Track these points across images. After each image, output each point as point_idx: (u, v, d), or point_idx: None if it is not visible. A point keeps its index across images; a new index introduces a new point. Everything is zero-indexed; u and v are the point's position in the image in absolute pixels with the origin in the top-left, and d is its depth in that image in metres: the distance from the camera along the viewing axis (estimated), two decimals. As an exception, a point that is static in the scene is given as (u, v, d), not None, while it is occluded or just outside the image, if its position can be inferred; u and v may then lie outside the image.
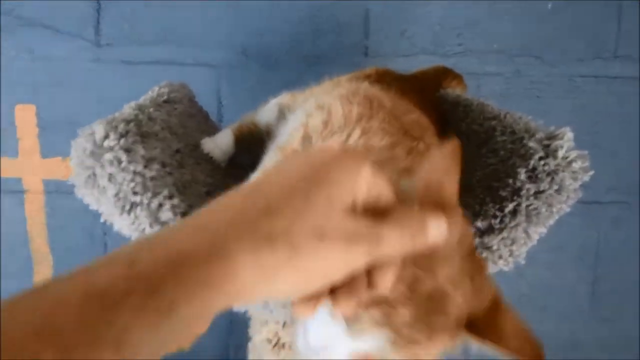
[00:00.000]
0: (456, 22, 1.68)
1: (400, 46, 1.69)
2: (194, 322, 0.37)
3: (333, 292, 0.45)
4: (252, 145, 1.05)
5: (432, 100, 1.18)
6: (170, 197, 0.73)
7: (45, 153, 1.65)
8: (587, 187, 1.70)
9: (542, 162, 0.78)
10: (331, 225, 0.41)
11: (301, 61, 1.67)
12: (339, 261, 0.42)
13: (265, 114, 1.16)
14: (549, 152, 0.79)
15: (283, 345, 0.86)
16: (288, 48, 1.66)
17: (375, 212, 0.44)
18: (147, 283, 0.35)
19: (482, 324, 0.52)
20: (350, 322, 0.51)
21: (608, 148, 1.75)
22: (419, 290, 0.49)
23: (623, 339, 1.89)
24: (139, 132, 0.78)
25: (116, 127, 0.74)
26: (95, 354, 0.32)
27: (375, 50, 1.68)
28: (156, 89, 1.10)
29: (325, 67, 1.66)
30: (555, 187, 0.77)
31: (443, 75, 1.34)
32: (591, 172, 0.79)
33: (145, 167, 0.73)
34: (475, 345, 0.52)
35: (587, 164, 0.79)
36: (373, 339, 0.50)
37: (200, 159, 0.99)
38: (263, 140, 1.01)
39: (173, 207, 0.72)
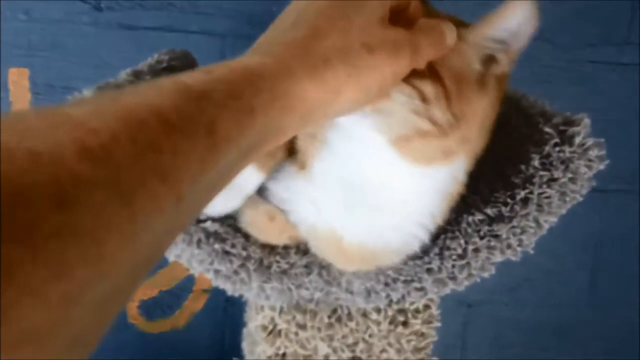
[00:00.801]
0: (469, 4, 1.64)
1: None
2: (270, 136, 0.40)
3: None
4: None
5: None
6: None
7: (40, 119, 1.61)
8: (596, 176, 1.70)
9: (557, 149, 0.75)
10: (375, 38, 0.45)
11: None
12: (389, 71, 0.46)
13: None
14: (565, 138, 0.75)
15: (279, 333, 0.83)
16: (295, 19, 1.61)
17: (404, 21, 0.49)
18: (227, 86, 0.37)
19: None
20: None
21: (616, 136, 1.70)
22: None
23: (621, 327, 1.89)
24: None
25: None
26: (190, 141, 0.33)
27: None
28: (156, 55, 1.06)
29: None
30: (570, 175, 0.74)
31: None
32: (607, 162, 0.75)
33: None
34: None
35: (603, 152, 0.76)
36: None
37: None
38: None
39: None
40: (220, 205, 0.71)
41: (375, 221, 0.69)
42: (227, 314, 1.73)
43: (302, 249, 0.76)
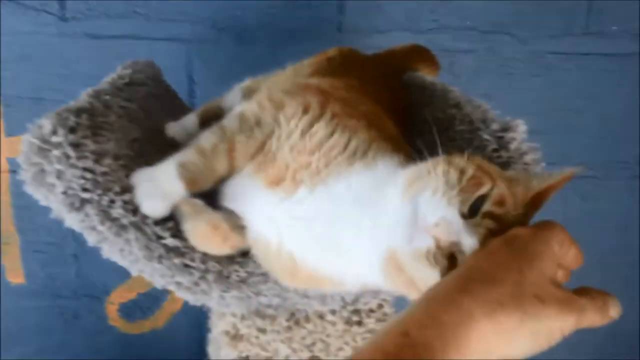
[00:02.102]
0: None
1: (375, 22, 1.67)
2: None
3: None
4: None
5: (398, 83, 1.17)
6: (122, 192, 0.73)
7: (10, 131, 1.63)
8: (557, 163, 1.74)
9: (495, 154, 0.79)
10: (546, 292, 0.50)
11: (275, 36, 1.65)
12: (557, 326, 0.50)
13: (230, 98, 1.16)
14: (502, 144, 0.79)
15: (241, 337, 0.87)
16: (261, 22, 1.64)
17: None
18: (419, 347, 0.46)
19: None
20: None
21: (578, 124, 1.77)
22: None
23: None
24: (91, 124, 0.77)
25: (66, 120, 0.73)
26: None
27: (350, 25, 1.67)
28: (119, 69, 1.08)
29: (299, 43, 1.64)
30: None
31: (414, 55, 1.33)
32: (542, 164, 0.79)
33: (96, 162, 0.72)
34: None
35: (538, 156, 0.79)
36: None
37: (164, 145, 0.98)
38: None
39: (125, 203, 0.72)
40: (148, 208, 0.75)
41: (337, 259, 0.74)
42: (206, 313, 1.77)
43: (260, 258, 0.80)
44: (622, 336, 1.97)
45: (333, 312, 0.86)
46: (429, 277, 0.61)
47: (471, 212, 0.62)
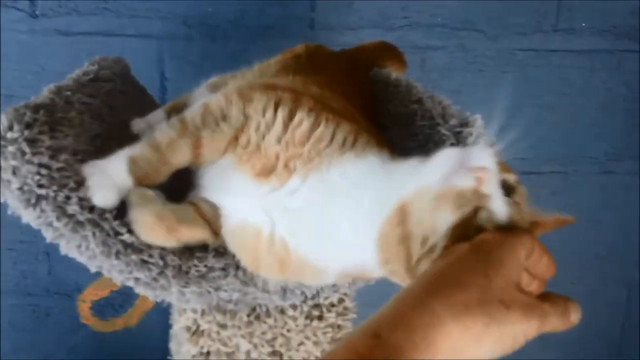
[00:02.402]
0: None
1: (347, 19, 1.67)
2: None
3: None
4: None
5: (365, 79, 1.18)
6: (79, 188, 0.73)
7: (-21, 128, 1.61)
8: (527, 159, 1.76)
9: (452, 149, 0.79)
10: (511, 298, 0.52)
11: (246, 33, 1.65)
12: (520, 330, 0.52)
13: (197, 95, 1.16)
14: (460, 139, 0.80)
15: (202, 333, 0.88)
16: (232, 19, 1.63)
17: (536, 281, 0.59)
18: (389, 348, 0.48)
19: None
20: None
21: (548, 120, 1.78)
22: None
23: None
24: (49, 120, 0.77)
25: (23, 116, 0.73)
26: None
27: (322, 22, 1.67)
28: (86, 65, 1.08)
29: (270, 40, 1.64)
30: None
31: (381, 52, 1.34)
32: (503, 160, 0.80)
33: (52, 158, 0.72)
34: None
35: (498, 147, 0.80)
36: None
37: (129, 142, 0.97)
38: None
39: (81, 199, 0.72)
40: (99, 199, 0.75)
41: (328, 246, 0.75)
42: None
43: (220, 252, 0.80)
44: (599, 332, 2.00)
45: (294, 306, 0.87)
46: (442, 223, 0.63)
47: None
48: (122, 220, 0.76)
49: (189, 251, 0.79)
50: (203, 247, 0.80)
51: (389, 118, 0.99)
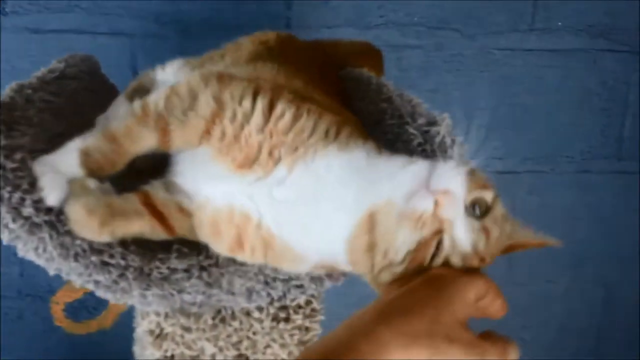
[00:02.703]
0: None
1: (323, 17, 1.66)
2: None
3: None
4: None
5: (335, 75, 1.16)
6: (34, 189, 0.70)
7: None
8: (504, 158, 1.76)
9: (419, 149, 0.79)
10: (456, 334, 0.55)
11: (221, 31, 1.63)
12: None
13: (158, 76, 1.14)
14: (427, 138, 0.79)
15: (166, 336, 0.86)
16: (206, 17, 1.62)
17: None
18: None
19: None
20: None
21: (523, 119, 1.79)
22: None
23: (537, 302, 1.97)
24: (7, 118, 0.75)
25: (-23, 114, 0.71)
26: None
27: (298, 21, 1.66)
28: (53, 63, 1.06)
29: (245, 38, 1.62)
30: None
31: (363, 54, 1.32)
32: (472, 163, 0.79)
33: (7, 157, 0.70)
34: None
35: (464, 150, 0.79)
36: None
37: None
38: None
39: (36, 201, 0.70)
40: (51, 200, 0.72)
41: (309, 235, 0.73)
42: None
43: (183, 252, 0.78)
44: (576, 331, 2.01)
45: (260, 308, 0.85)
46: (402, 242, 0.63)
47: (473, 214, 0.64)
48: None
49: (150, 252, 0.77)
50: (165, 248, 0.78)
51: (359, 116, 0.97)
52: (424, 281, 0.60)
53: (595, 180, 1.85)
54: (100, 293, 0.76)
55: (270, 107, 0.74)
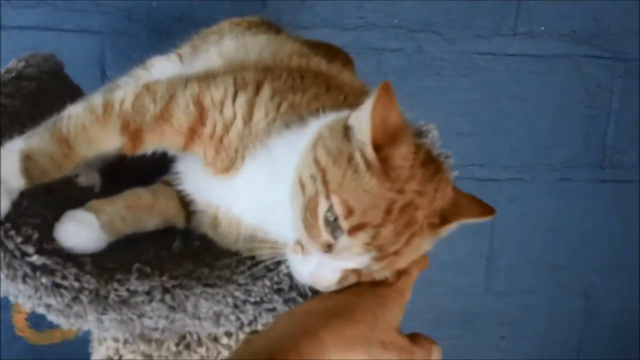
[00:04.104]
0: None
1: (299, 17, 1.62)
2: None
3: None
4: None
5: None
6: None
7: None
8: (484, 165, 1.73)
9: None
10: (390, 340, 0.61)
11: (193, 29, 1.56)
12: None
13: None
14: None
15: (125, 364, 0.80)
16: (178, 14, 1.56)
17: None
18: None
19: (448, 212, 0.66)
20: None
21: (505, 126, 1.76)
22: (394, 210, 0.61)
23: (517, 312, 1.94)
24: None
25: None
26: None
27: (273, 20, 1.60)
28: (12, 62, 1.00)
29: (219, 37, 1.57)
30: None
31: (330, 51, 1.28)
32: (456, 172, 0.74)
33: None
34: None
35: (451, 161, 0.74)
36: (360, 260, 0.61)
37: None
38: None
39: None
40: None
41: (272, 220, 0.73)
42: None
43: (145, 272, 0.72)
44: (557, 341, 1.99)
45: (228, 334, 0.79)
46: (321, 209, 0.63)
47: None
48: (29, 239, 0.67)
49: (108, 272, 0.70)
50: (125, 268, 0.72)
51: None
52: (368, 287, 0.64)
53: (578, 188, 1.83)
54: (53, 318, 0.70)
55: (251, 109, 0.73)
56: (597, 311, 1.96)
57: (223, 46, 0.98)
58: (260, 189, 0.73)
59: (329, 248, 0.62)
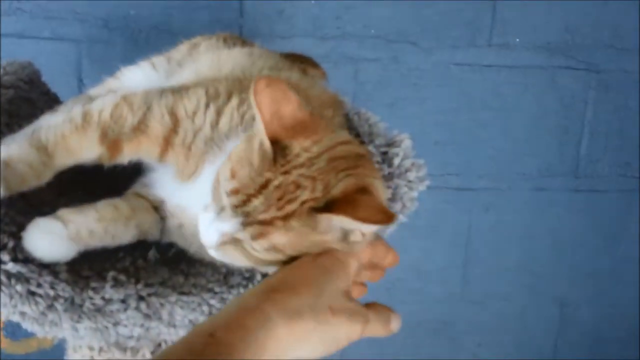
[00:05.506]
0: (335, 4, 1.63)
1: (277, 27, 1.62)
2: None
3: None
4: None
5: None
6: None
7: None
8: (460, 174, 1.74)
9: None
10: (338, 305, 0.60)
11: (171, 38, 1.55)
12: (344, 333, 0.60)
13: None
14: (386, 159, 0.75)
15: (101, 371, 0.79)
16: (156, 23, 1.56)
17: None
18: (222, 347, 0.52)
19: (338, 204, 0.62)
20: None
21: (480, 135, 1.77)
22: (270, 186, 0.61)
23: (493, 320, 1.96)
24: None
25: None
26: None
27: (251, 29, 1.61)
28: (-12, 69, 0.99)
29: (197, 46, 1.57)
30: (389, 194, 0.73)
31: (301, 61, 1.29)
32: (427, 182, 0.75)
33: None
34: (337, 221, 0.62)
35: (423, 173, 0.75)
36: (231, 223, 0.62)
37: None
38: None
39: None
40: None
41: None
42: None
43: (120, 281, 0.72)
44: (532, 349, 2.00)
45: (204, 341, 0.79)
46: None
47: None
48: (3, 247, 0.67)
49: (83, 280, 0.70)
50: (100, 276, 0.72)
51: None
52: (310, 259, 0.63)
53: (552, 198, 1.85)
54: (28, 326, 0.70)
55: (218, 115, 0.75)
56: (572, 318, 1.98)
57: (197, 63, 1.01)
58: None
59: (222, 210, 0.63)
